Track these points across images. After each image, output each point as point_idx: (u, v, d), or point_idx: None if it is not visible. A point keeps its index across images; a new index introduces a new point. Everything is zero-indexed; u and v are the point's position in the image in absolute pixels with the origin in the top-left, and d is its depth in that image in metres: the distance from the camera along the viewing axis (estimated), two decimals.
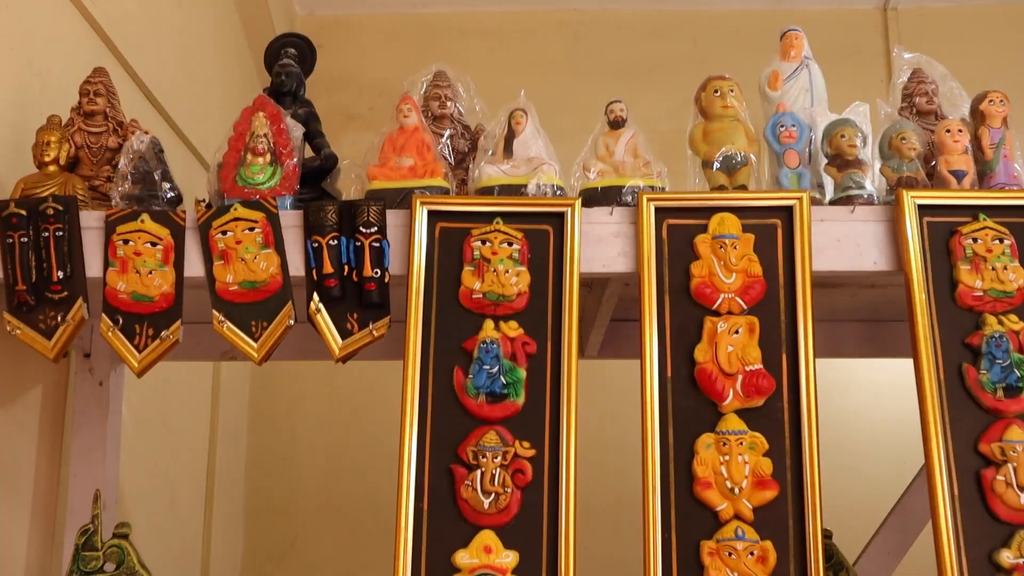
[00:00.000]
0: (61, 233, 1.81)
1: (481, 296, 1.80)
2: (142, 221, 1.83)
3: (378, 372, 3.62)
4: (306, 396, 3.81)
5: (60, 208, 1.81)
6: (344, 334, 1.82)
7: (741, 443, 1.72)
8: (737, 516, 1.70)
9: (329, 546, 3.67)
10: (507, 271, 1.80)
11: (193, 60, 3.23)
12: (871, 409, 3.67)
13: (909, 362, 1.78)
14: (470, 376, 1.77)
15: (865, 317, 2.37)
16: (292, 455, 3.78)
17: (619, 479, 2.94)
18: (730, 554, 1.68)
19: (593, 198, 1.87)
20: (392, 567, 1.69)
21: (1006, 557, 1.65)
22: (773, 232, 1.82)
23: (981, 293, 1.77)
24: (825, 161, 1.91)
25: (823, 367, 1.76)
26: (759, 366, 1.75)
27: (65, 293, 1.81)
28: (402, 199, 1.86)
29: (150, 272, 1.81)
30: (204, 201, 1.90)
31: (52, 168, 1.92)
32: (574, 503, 1.70)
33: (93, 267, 1.84)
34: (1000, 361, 1.73)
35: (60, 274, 1.81)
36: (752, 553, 1.68)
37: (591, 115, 2.03)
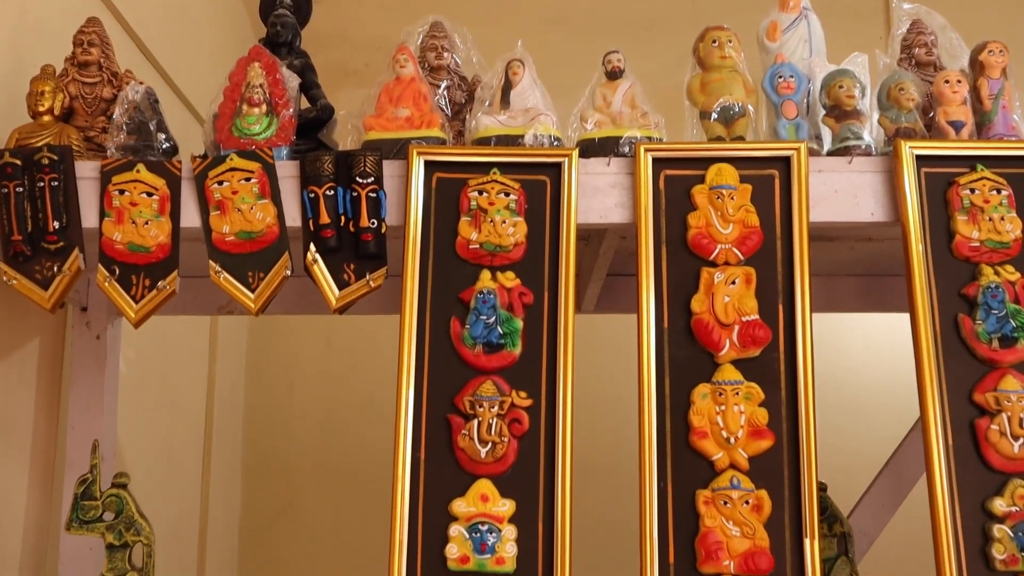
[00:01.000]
0: (56, 183, 1.80)
1: (478, 246, 1.79)
2: (138, 171, 1.83)
3: (374, 329, 3.64)
4: (303, 354, 3.81)
5: (55, 158, 1.81)
6: (341, 285, 1.82)
7: (737, 393, 1.73)
8: (733, 465, 1.71)
9: (327, 503, 3.69)
10: (504, 221, 1.79)
11: (186, 12, 3.20)
12: (868, 368, 3.68)
13: (905, 321, 1.78)
14: (467, 326, 1.77)
15: (862, 271, 2.38)
16: (289, 413, 3.78)
17: (615, 437, 2.94)
18: (725, 503, 1.69)
19: (590, 149, 1.86)
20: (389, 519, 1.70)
21: (999, 505, 1.66)
22: (770, 183, 1.81)
23: (978, 244, 1.77)
24: (823, 112, 1.90)
25: (819, 327, 1.76)
26: (755, 316, 1.76)
27: (61, 243, 1.81)
28: (399, 150, 1.86)
29: (146, 222, 1.81)
30: (202, 156, 1.89)
31: (47, 118, 1.91)
32: (571, 452, 1.71)
33: (89, 217, 1.83)
34: (996, 311, 1.74)
35: (56, 224, 1.80)
36: (747, 502, 1.69)
37: (588, 72, 2.02)
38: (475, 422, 1.73)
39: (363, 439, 3.60)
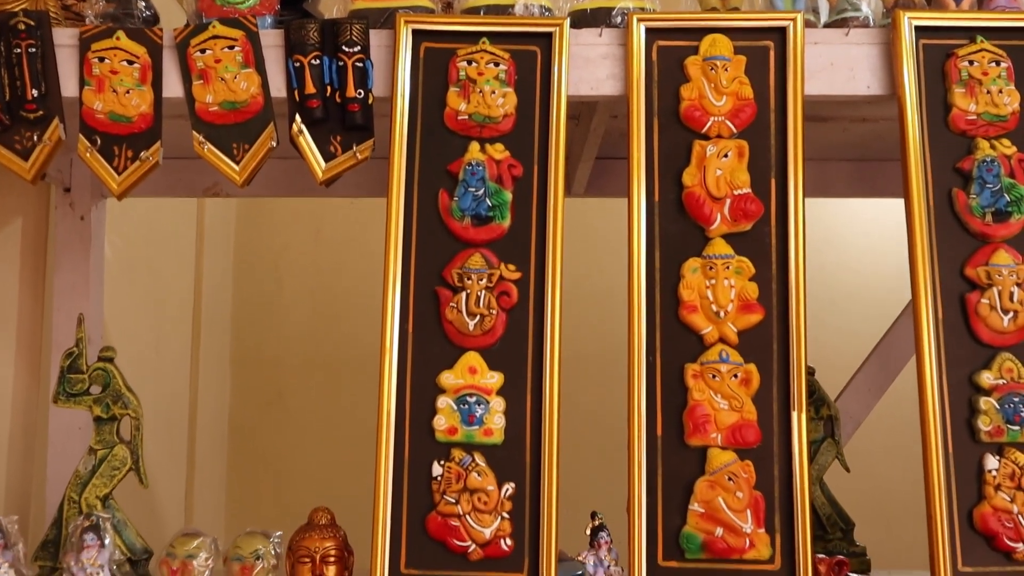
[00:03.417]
0: (34, 49, 1.75)
1: (467, 118, 1.76)
2: (117, 38, 1.78)
3: (364, 220, 3.61)
4: (291, 246, 3.79)
5: (32, 23, 1.75)
6: (327, 157, 1.78)
7: (728, 267, 1.71)
8: (722, 339, 1.70)
9: (315, 395, 3.71)
10: (493, 92, 1.76)
11: None
12: (855, 262, 3.68)
13: (896, 213, 1.76)
14: (455, 198, 1.74)
15: (855, 156, 2.35)
16: (278, 306, 3.77)
17: (604, 330, 2.95)
18: (714, 376, 1.69)
19: (582, 19, 1.82)
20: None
21: (986, 378, 1.67)
22: (765, 54, 1.78)
23: (975, 117, 1.74)
24: None
25: (808, 217, 1.73)
26: (747, 190, 1.73)
27: (40, 112, 1.76)
28: (386, 19, 1.81)
29: (127, 91, 1.77)
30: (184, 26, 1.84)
31: None
32: (559, 325, 1.70)
33: (68, 87, 1.78)
34: (990, 185, 1.72)
35: (34, 92, 1.75)
36: (736, 375, 1.69)
37: None
38: (463, 295, 1.71)
39: (353, 330, 3.60)
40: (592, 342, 3.25)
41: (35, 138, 1.77)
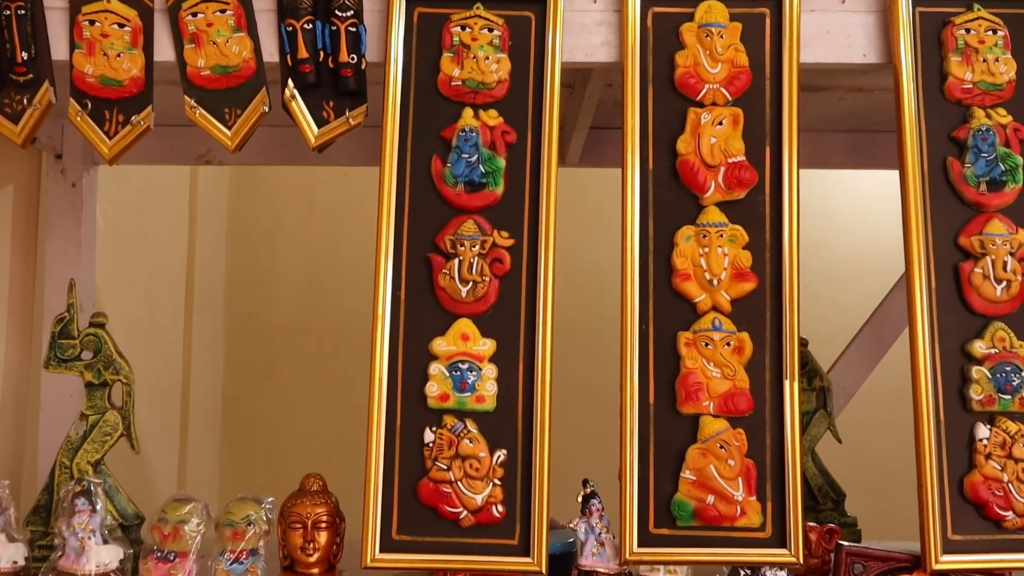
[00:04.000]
0: (23, 12, 1.73)
1: (460, 83, 1.75)
2: (108, 1, 1.76)
3: (357, 193, 3.60)
4: (285, 219, 3.78)
5: None
6: (320, 122, 1.77)
7: (721, 235, 1.71)
8: (715, 307, 1.70)
9: (309, 367, 3.70)
10: (487, 58, 1.74)
11: None
12: (850, 236, 3.68)
13: (894, 185, 1.75)
14: (448, 165, 1.73)
15: (851, 127, 2.35)
16: (272, 277, 3.76)
17: (597, 298, 2.95)
18: (707, 344, 1.68)
19: None
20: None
21: (979, 347, 1.67)
22: (761, 22, 1.77)
23: (970, 86, 1.74)
24: None
25: (804, 192, 1.73)
26: (742, 158, 1.72)
27: (30, 76, 1.75)
28: None
29: (118, 55, 1.75)
30: None
31: None
32: (552, 293, 1.70)
33: (59, 50, 1.77)
34: (985, 155, 1.71)
35: (24, 55, 1.73)
36: (729, 343, 1.68)
37: None
38: (456, 261, 1.71)
39: (346, 301, 3.59)
40: (585, 310, 3.25)
41: (25, 101, 1.76)
